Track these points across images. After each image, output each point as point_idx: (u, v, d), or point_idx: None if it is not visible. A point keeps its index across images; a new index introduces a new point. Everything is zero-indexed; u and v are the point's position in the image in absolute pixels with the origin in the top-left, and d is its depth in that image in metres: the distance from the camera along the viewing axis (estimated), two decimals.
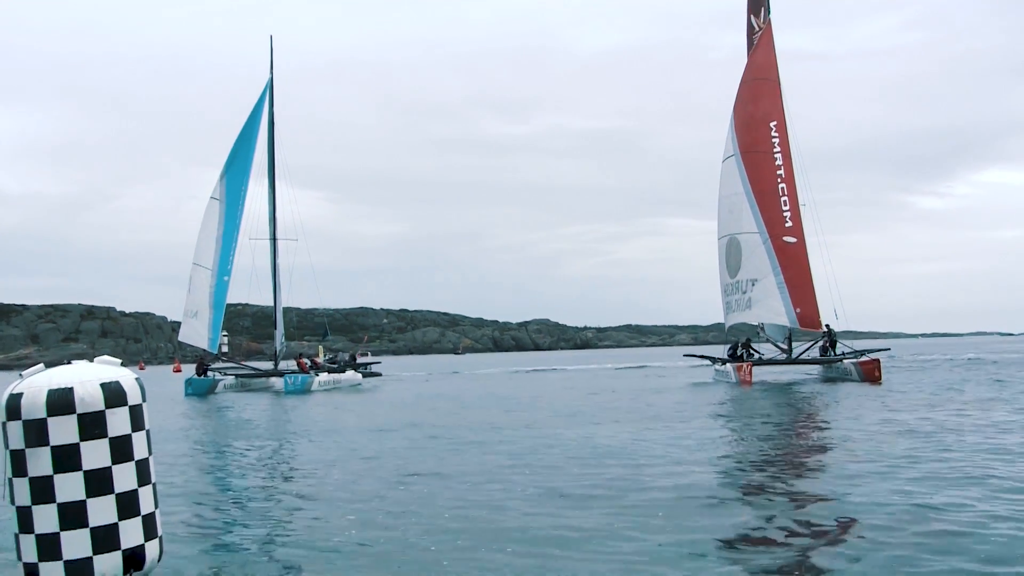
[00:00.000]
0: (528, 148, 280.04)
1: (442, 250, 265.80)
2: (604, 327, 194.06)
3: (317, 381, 34.20)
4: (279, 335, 40.67)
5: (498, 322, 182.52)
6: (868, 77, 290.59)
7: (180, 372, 42.75)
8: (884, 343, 37.53)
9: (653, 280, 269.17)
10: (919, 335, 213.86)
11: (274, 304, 40.39)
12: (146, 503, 4.75)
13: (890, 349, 36.33)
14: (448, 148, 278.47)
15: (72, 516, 4.46)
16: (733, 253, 31.50)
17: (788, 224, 30.04)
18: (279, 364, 39.86)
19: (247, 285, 39.30)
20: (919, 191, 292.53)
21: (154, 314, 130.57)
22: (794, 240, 29.86)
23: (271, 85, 40.31)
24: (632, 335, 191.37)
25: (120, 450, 4.58)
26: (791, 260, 29.76)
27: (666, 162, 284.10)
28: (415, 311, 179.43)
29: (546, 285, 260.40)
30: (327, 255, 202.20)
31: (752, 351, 32.33)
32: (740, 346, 32.33)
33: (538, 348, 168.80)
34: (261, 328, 50.18)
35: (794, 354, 31.98)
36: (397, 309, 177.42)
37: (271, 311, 41.08)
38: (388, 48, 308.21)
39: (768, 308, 29.90)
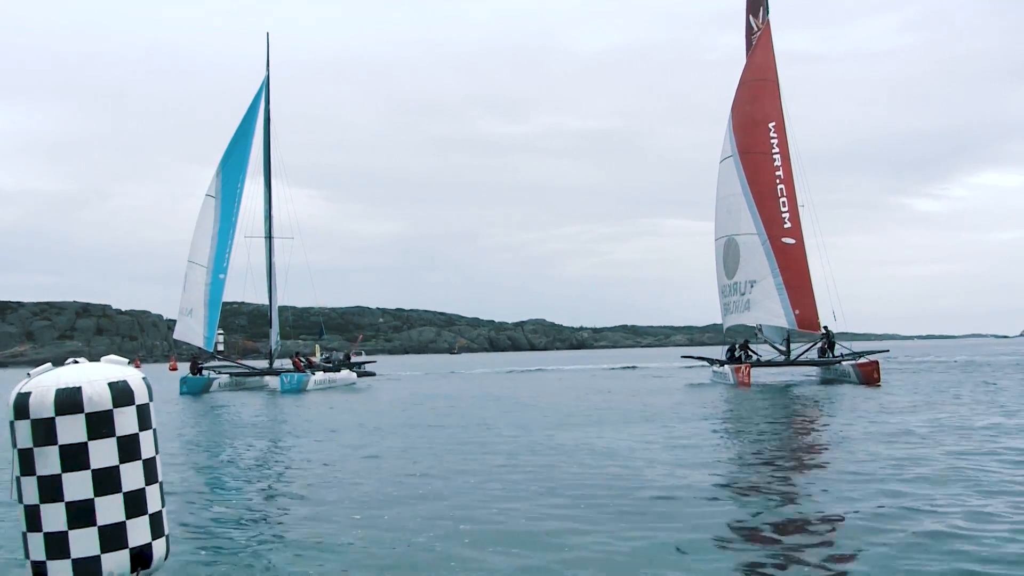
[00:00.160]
0: (526, 148, 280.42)
1: (439, 249, 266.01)
2: (600, 327, 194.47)
3: (313, 380, 34.24)
4: (274, 334, 40.52)
5: (494, 322, 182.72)
6: (866, 79, 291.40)
7: (176, 370, 42.63)
8: (880, 345, 37.34)
9: (649, 281, 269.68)
10: (914, 337, 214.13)
11: (269, 303, 40.24)
12: (153, 502, 4.75)
13: (889, 351, 36.18)
14: (446, 147, 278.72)
15: (80, 515, 4.46)
16: (731, 254, 31.33)
17: (787, 225, 29.90)
18: (274, 363, 39.76)
19: (242, 283, 39.18)
20: (916, 193, 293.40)
21: (150, 312, 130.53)
22: (793, 241, 29.71)
23: (267, 82, 40.17)
24: (628, 335, 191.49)
25: (127, 449, 4.60)
26: (790, 261, 29.62)
27: (663, 163, 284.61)
28: (411, 310, 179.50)
29: (542, 285, 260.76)
30: (323, 254, 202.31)
31: (750, 353, 32.21)
32: (738, 348, 32.19)
33: (534, 348, 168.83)
34: (257, 327, 50.08)
35: (792, 356, 31.93)
36: (393, 308, 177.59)
37: (267, 310, 40.94)
38: (386, 47, 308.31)
39: (767, 310, 29.76)
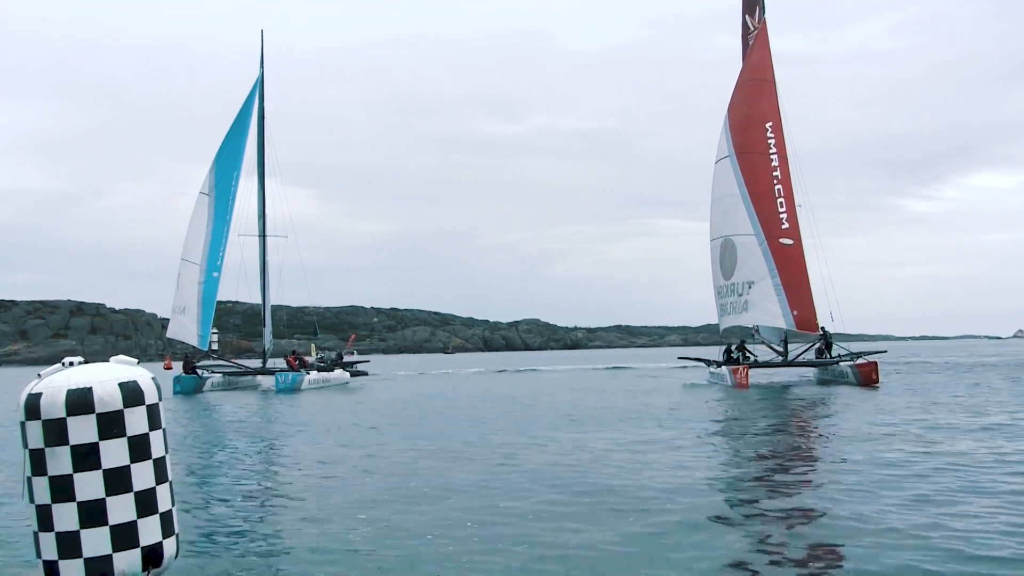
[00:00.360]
0: (521, 148, 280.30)
1: (433, 249, 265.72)
2: (594, 327, 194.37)
3: (307, 380, 34.19)
4: (267, 333, 40.28)
5: (488, 322, 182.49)
6: (861, 80, 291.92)
7: (171, 369, 42.32)
8: (874, 346, 37.19)
9: (644, 281, 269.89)
10: (908, 338, 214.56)
11: (263, 301, 39.99)
12: (163, 501, 4.82)
13: (887, 351, 36.06)
14: (441, 147, 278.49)
15: (92, 514, 4.52)
16: (728, 255, 31.12)
17: (785, 226, 29.70)
18: (267, 362, 39.55)
19: (235, 282, 38.92)
20: (910, 194, 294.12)
21: (144, 311, 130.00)
22: (791, 242, 29.52)
23: (262, 80, 39.94)
24: (622, 336, 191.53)
25: (138, 449, 4.66)
26: (788, 262, 29.42)
27: (658, 163, 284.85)
28: (405, 310, 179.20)
29: (537, 285, 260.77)
30: (317, 253, 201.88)
31: (747, 353, 32.04)
32: (736, 348, 32.01)
33: (528, 348, 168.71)
34: (251, 326, 49.75)
35: (790, 356, 31.77)
36: (388, 308, 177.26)
37: (261, 309, 40.68)
38: (381, 46, 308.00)
39: (765, 311, 29.56)
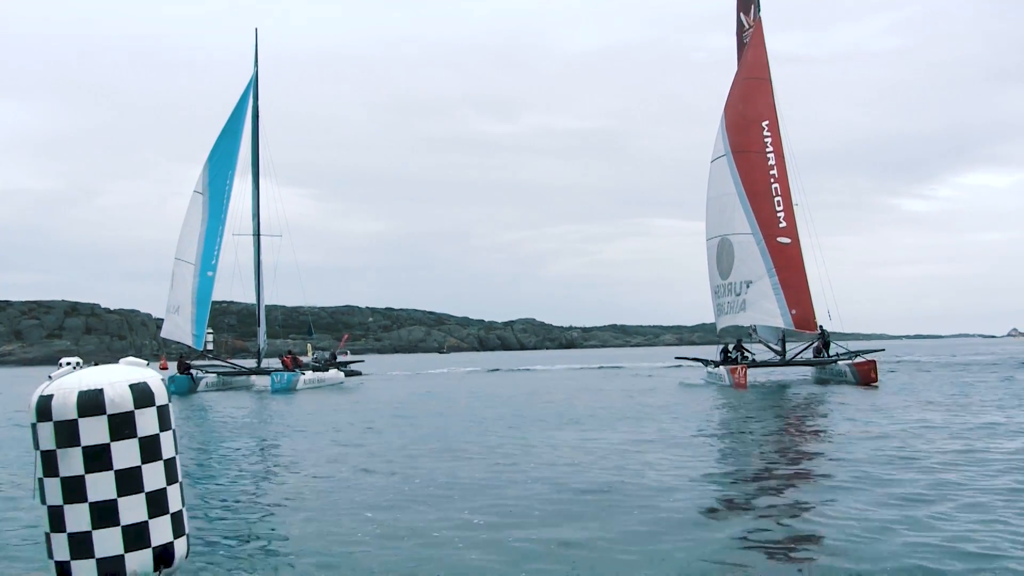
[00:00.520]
0: (516, 147, 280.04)
1: (428, 249, 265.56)
2: (589, 327, 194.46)
3: (302, 380, 34.06)
4: (262, 333, 40.07)
5: (484, 321, 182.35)
6: (854, 80, 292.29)
7: (167, 369, 42.09)
8: (868, 344, 37.10)
9: (638, 280, 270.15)
10: (902, 337, 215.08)
11: (257, 301, 39.78)
12: (174, 501, 4.88)
13: (884, 350, 35.98)
14: (437, 146, 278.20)
15: (104, 515, 4.57)
16: (725, 254, 30.97)
17: (782, 225, 29.54)
18: (262, 362, 39.36)
19: (230, 282, 38.71)
20: (904, 193, 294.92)
21: (139, 311, 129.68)
22: (789, 241, 29.35)
23: (256, 78, 39.74)
24: (617, 335, 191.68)
25: (149, 449, 4.72)
26: (786, 261, 29.23)
27: (653, 163, 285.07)
28: (400, 310, 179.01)
29: (532, 284, 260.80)
30: (312, 253, 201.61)
31: (745, 353, 31.90)
32: (733, 348, 31.87)
33: (523, 347, 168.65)
34: (246, 326, 49.57)
35: (788, 355, 31.65)
36: (383, 308, 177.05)
37: (256, 308, 40.48)
38: (376, 45, 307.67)
39: (763, 310, 29.40)
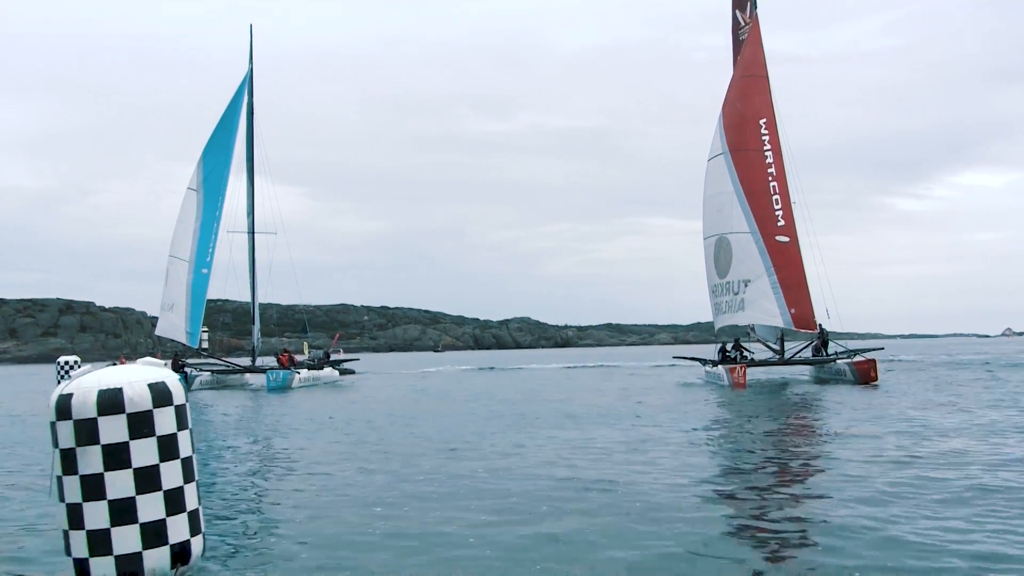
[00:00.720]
0: (510, 146, 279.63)
1: (423, 247, 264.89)
2: (585, 326, 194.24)
3: (298, 378, 34.00)
4: (256, 331, 39.83)
5: (479, 320, 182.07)
6: (848, 80, 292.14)
7: None
8: (863, 343, 36.95)
9: (633, 279, 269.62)
10: (897, 336, 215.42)
11: (252, 299, 39.53)
12: (191, 500, 4.91)
13: (884, 348, 35.85)
14: (431, 145, 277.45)
15: (122, 512, 4.60)
16: (723, 253, 30.79)
17: (780, 223, 29.36)
18: (256, 360, 39.13)
19: (224, 279, 38.47)
20: (898, 193, 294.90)
21: (134, 309, 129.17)
22: (787, 239, 29.17)
23: (251, 75, 39.47)
24: (612, 334, 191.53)
25: (167, 448, 4.75)
26: (785, 260, 29.05)
27: (648, 162, 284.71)
28: (396, 308, 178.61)
29: (527, 283, 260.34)
30: (307, 251, 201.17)
31: (744, 352, 31.70)
32: (732, 347, 31.65)
33: (519, 346, 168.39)
34: (242, 324, 49.43)
35: (786, 354, 31.47)
36: (378, 306, 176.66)
37: (250, 306, 40.24)
38: (371, 44, 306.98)
39: (762, 309, 29.19)
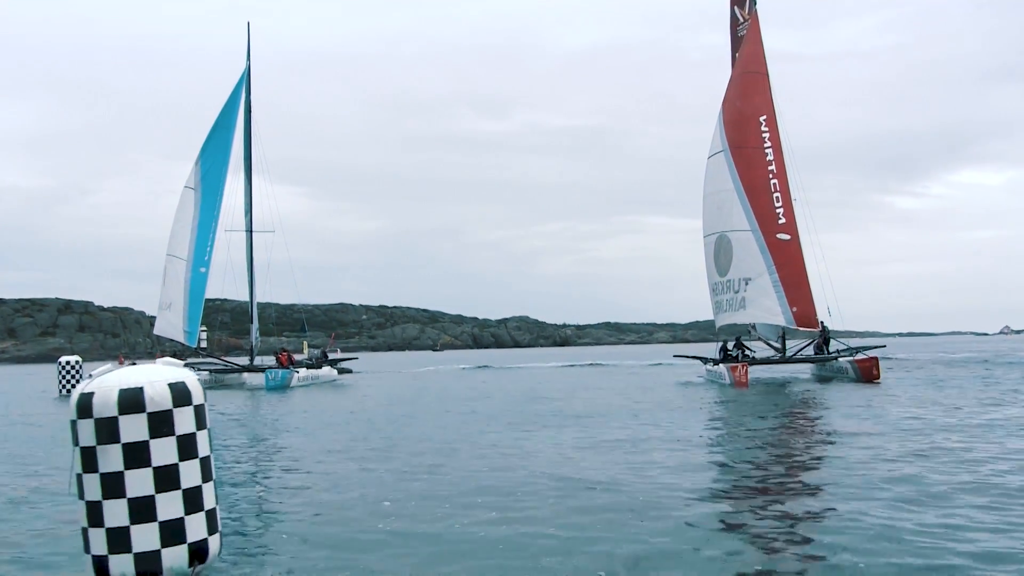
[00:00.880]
0: (508, 145, 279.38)
1: (422, 246, 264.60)
2: (583, 325, 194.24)
3: (296, 377, 33.98)
4: (254, 330, 39.66)
5: (477, 319, 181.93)
6: (845, 79, 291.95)
7: None
8: (861, 342, 36.87)
9: (631, 278, 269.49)
10: (895, 334, 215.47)
11: (250, 297, 39.36)
12: (209, 499, 4.92)
13: (886, 346, 35.73)
14: (428, 144, 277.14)
15: (142, 510, 4.62)
16: (723, 251, 30.60)
17: (781, 221, 29.18)
18: (254, 360, 38.98)
19: (221, 279, 38.27)
20: (896, 191, 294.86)
21: (132, 309, 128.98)
22: (788, 237, 28.99)
23: (248, 73, 39.28)
24: (611, 333, 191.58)
25: (186, 447, 4.77)
26: (786, 258, 28.85)
27: (645, 160, 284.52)
28: (394, 307, 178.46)
29: (525, 282, 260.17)
30: (305, 251, 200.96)
31: (746, 350, 31.49)
32: (734, 345, 31.47)
33: (518, 345, 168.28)
34: (240, 323, 49.23)
35: (788, 353, 31.30)
36: (376, 305, 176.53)
37: (249, 306, 40.07)
38: (370, 43, 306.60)
39: (763, 308, 29.01)
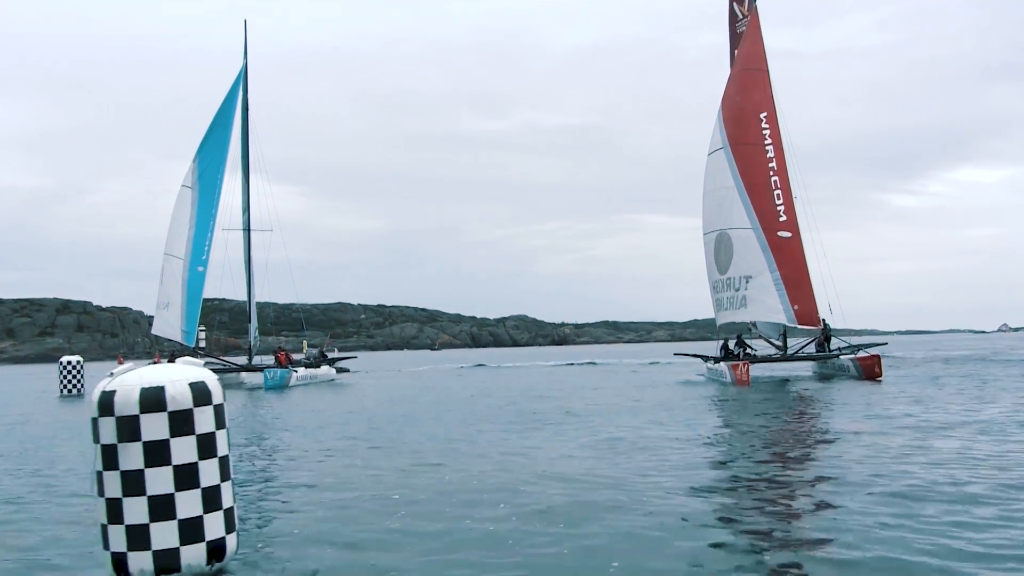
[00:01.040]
0: (505, 144, 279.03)
1: (420, 246, 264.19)
2: (581, 323, 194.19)
3: (295, 377, 33.89)
4: (253, 329, 39.51)
5: (476, 318, 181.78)
6: (843, 77, 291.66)
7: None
8: (858, 340, 36.68)
9: (630, 277, 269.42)
10: (893, 332, 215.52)
11: (248, 296, 39.22)
12: (227, 497, 4.98)
13: (887, 344, 35.61)
14: (425, 143, 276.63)
15: (161, 508, 4.67)
16: (723, 249, 30.42)
17: (782, 218, 29.00)
18: (253, 359, 38.83)
19: (219, 278, 38.08)
20: (894, 189, 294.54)
21: (131, 309, 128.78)
22: (789, 235, 28.84)
23: (245, 71, 39.12)
24: (609, 331, 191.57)
25: (206, 446, 4.81)
26: (787, 256, 28.69)
27: (643, 159, 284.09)
28: (392, 306, 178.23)
29: (523, 281, 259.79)
30: (303, 250, 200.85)
31: (748, 349, 31.24)
32: (735, 344, 31.32)
33: (516, 344, 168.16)
34: (239, 323, 49.13)
35: (789, 350, 31.15)
36: (375, 304, 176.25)
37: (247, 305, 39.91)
38: (368, 43, 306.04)
39: (764, 306, 28.84)
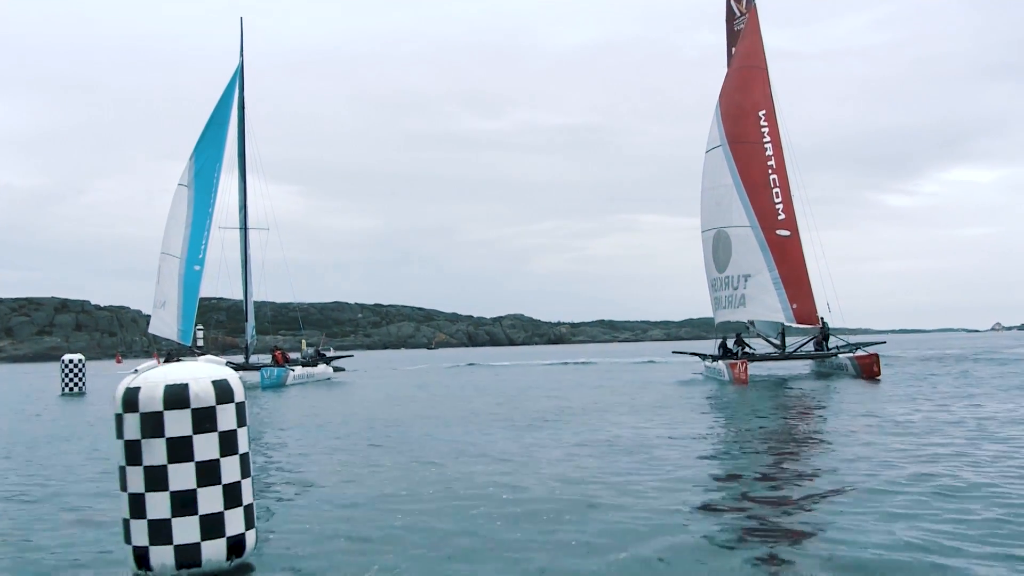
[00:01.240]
0: (502, 143, 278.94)
1: (417, 245, 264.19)
2: (578, 322, 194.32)
3: (292, 375, 33.92)
4: (250, 328, 39.38)
5: (472, 317, 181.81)
6: (838, 76, 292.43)
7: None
8: (854, 339, 36.63)
9: (625, 276, 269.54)
10: (887, 331, 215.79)
11: (244, 295, 39.07)
12: (247, 494, 5.04)
13: (886, 342, 35.56)
14: (422, 143, 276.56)
15: (183, 504, 4.73)
16: (722, 247, 30.31)
17: (781, 217, 28.92)
18: (250, 358, 38.71)
19: (216, 277, 37.91)
20: (888, 189, 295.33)
21: (129, 308, 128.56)
22: (788, 234, 28.75)
23: (241, 69, 38.93)
24: (605, 331, 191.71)
25: (227, 444, 4.88)
26: (785, 255, 28.63)
27: (639, 159, 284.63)
28: (389, 306, 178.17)
29: (519, 280, 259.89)
30: (300, 249, 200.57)
31: (746, 347, 31.12)
32: (734, 342, 31.24)
33: (512, 343, 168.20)
34: (236, 322, 48.99)
35: (788, 349, 31.10)
36: (372, 304, 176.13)
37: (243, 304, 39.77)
38: (366, 43, 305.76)
39: (763, 305, 28.77)
